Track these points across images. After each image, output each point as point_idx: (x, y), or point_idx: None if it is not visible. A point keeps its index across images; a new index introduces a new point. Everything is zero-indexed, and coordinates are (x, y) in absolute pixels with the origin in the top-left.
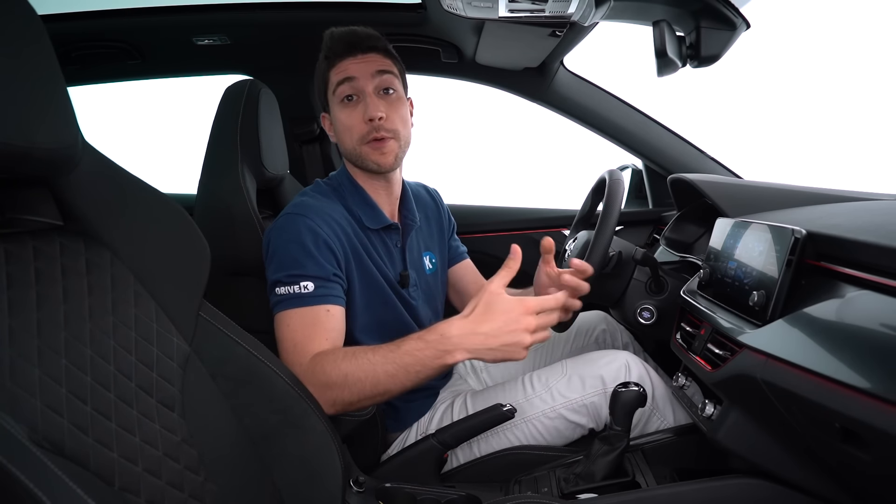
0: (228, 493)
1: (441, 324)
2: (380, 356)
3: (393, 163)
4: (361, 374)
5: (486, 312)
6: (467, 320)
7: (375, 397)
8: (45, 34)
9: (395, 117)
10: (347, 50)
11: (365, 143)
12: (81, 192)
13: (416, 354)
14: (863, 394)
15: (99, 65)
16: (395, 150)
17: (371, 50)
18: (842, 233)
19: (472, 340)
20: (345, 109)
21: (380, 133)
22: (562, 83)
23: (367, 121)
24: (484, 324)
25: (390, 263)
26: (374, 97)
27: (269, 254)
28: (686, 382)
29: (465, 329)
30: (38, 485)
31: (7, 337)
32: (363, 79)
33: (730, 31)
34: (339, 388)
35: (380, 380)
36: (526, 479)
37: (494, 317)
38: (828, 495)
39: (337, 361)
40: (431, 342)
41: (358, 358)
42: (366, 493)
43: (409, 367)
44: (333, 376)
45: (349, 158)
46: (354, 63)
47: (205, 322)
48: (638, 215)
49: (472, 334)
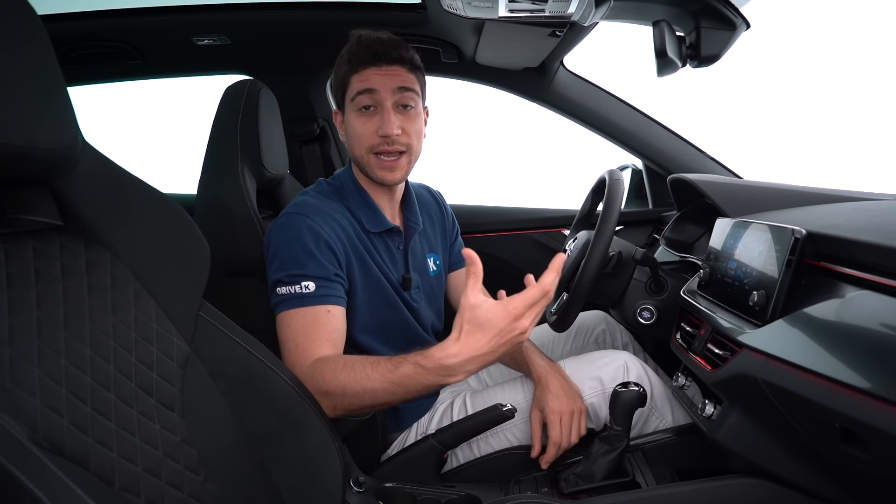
0: (228, 493)
1: (435, 350)
2: (378, 374)
3: (399, 179)
4: (359, 389)
5: (475, 331)
6: (459, 344)
7: (375, 407)
8: (45, 34)
9: (411, 132)
10: (372, 59)
11: (373, 154)
12: (81, 192)
13: (416, 378)
14: (863, 394)
15: (99, 65)
16: (404, 166)
17: (397, 62)
18: (842, 233)
19: (471, 363)
20: (360, 117)
21: (392, 146)
22: (562, 83)
23: (382, 136)
24: (477, 345)
25: (392, 266)
26: (392, 112)
27: (271, 253)
28: (686, 382)
29: (462, 355)
30: (38, 485)
31: (7, 337)
32: (384, 92)
33: (730, 31)
34: (339, 398)
35: (378, 395)
36: (526, 479)
37: (485, 332)
38: (828, 495)
39: (336, 372)
40: (431, 369)
41: (356, 371)
42: (366, 493)
43: (411, 388)
44: (332, 386)
45: (356, 163)
46: (378, 74)
47: (205, 322)
48: (638, 215)
49: (470, 358)
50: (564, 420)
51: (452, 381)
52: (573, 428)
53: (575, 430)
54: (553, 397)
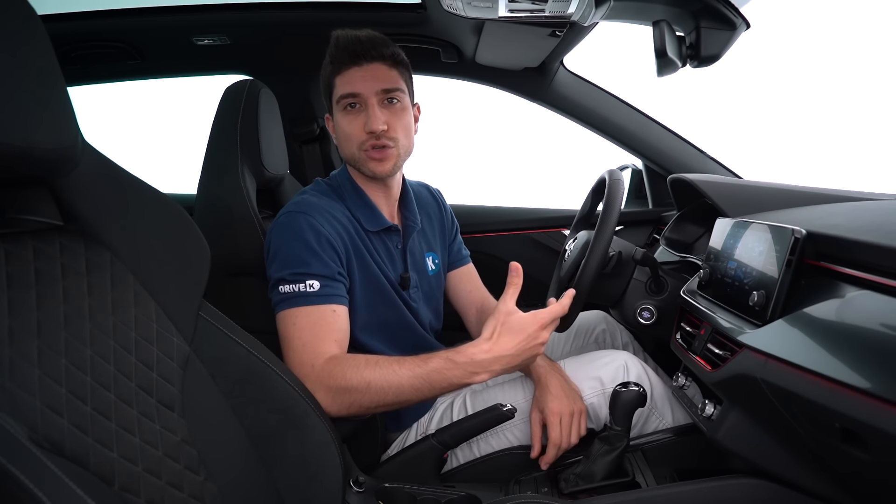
0: (228, 493)
1: (468, 347)
2: (406, 370)
3: (391, 170)
4: (385, 384)
5: (506, 334)
6: (491, 343)
7: (391, 405)
8: (45, 34)
9: (398, 126)
10: (352, 59)
11: (363, 150)
12: (81, 193)
13: (444, 374)
14: (863, 394)
15: (99, 65)
16: (394, 157)
17: (377, 59)
18: (842, 233)
19: (498, 363)
20: (346, 116)
21: (380, 141)
22: (562, 83)
23: (368, 132)
24: (507, 346)
25: (391, 265)
26: (377, 108)
27: (272, 252)
28: (686, 382)
29: (492, 354)
30: (38, 485)
31: (7, 337)
32: (366, 93)
33: (730, 31)
34: (360, 394)
35: (403, 391)
36: (526, 479)
37: (515, 337)
38: (828, 495)
39: (359, 368)
40: (461, 364)
41: (382, 368)
42: (366, 493)
43: (435, 384)
44: (355, 382)
45: (349, 162)
46: (360, 73)
47: (205, 322)
48: (638, 215)
49: (499, 357)
50: (564, 421)
51: (477, 379)
52: (573, 429)
53: (575, 431)
54: (553, 398)
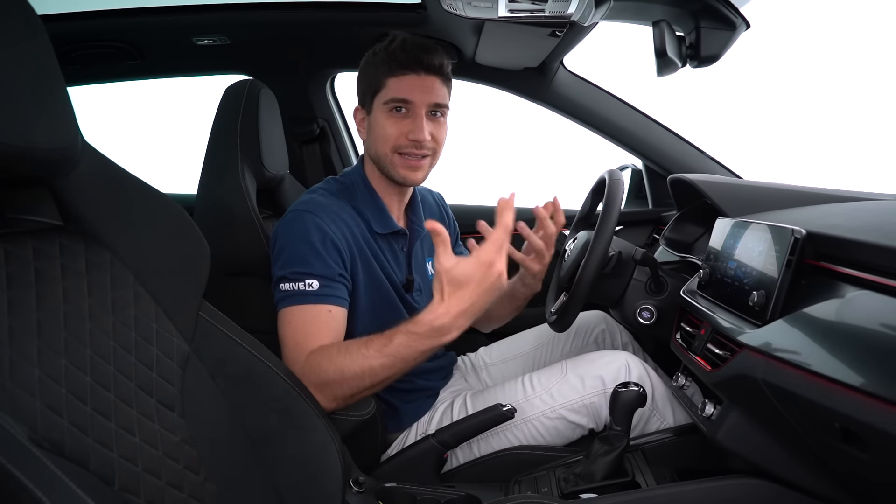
0: (228, 494)
1: (424, 314)
2: (373, 350)
3: (422, 179)
4: (358, 370)
5: (457, 289)
6: (445, 305)
7: (375, 387)
8: (45, 34)
9: (439, 138)
10: (413, 65)
11: (398, 153)
12: (81, 193)
13: (411, 346)
14: (863, 394)
15: (99, 65)
16: (427, 168)
17: (436, 72)
18: (841, 233)
19: (462, 317)
20: (391, 118)
21: (421, 150)
22: (562, 83)
23: (412, 139)
24: (462, 300)
25: (396, 268)
26: (424, 119)
27: (277, 249)
28: (686, 382)
29: (451, 312)
30: (38, 485)
31: (7, 337)
32: (419, 102)
33: (730, 31)
34: (337, 384)
35: (376, 372)
36: (526, 479)
37: (465, 288)
38: (828, 495)
39: (331, 357)
40: (423, 333)
41: (351, 352)
42: (366, 493)
43: (407, 358)
44: (330, 372)
45: (376, 161)
46: (417, 82)
47: (205, 322)
48: (638, 215)
49: (460, 314)
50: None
51: (447, 339)
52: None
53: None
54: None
